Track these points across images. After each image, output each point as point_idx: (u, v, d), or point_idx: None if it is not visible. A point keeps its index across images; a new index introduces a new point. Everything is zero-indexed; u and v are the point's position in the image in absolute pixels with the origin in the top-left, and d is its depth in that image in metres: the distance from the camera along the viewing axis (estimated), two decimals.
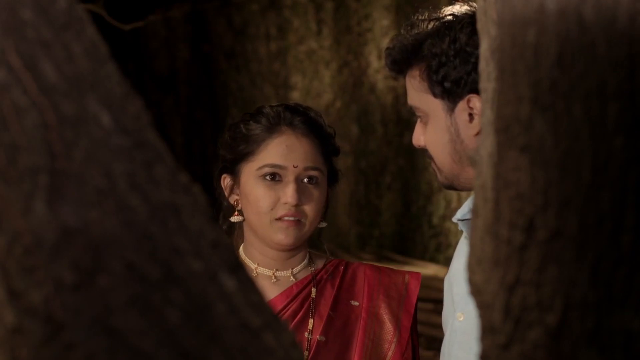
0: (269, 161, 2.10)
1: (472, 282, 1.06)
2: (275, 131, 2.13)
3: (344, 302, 2.15)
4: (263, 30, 7.69)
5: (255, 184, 2.11)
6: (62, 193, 0.92)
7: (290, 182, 2.09)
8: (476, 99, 1.77)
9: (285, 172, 2.10)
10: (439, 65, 1.79)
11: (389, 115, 7.36)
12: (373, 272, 2.19)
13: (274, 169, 2.10)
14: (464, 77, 1.78)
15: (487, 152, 1.05)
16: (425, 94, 1.83)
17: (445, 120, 1.81)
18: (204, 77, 7.94)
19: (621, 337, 0.96)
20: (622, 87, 0.94)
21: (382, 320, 2.14)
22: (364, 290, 2.16)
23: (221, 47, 7.85)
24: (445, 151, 1.83)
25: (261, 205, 2.09)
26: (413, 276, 2.21)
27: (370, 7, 7.34)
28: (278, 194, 2.09)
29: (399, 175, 7.39)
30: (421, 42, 1.82)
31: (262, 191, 2.09)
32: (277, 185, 2.10)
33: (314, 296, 2.15)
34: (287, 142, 2.11)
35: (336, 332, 2.12)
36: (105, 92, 0.96)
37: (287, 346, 0.99)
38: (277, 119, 2.14)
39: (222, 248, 0.98)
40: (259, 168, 2.10)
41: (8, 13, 0.93)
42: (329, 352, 2.10)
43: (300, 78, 7.58)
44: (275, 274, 2.16)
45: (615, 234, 0.95)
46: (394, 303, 2.16)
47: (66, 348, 0.91)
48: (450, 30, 1.79)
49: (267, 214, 2.09)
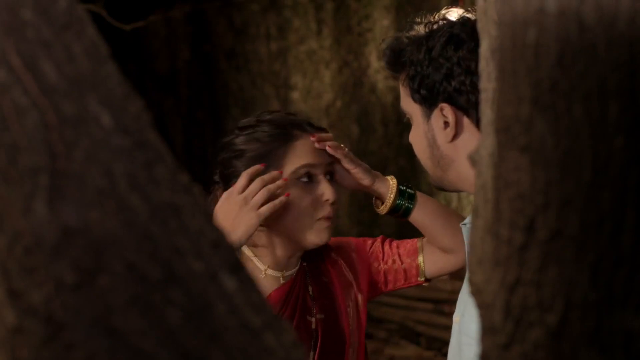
0: (303, 162, 2.14)
1: (472, 282, 1.06)
2: (293, 136, 2.16)
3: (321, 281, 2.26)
4: (263, 31, 7.69)
5: (292, 188, 2.13)
6: (63, 193, 0.92)
7: (323, 181, 2.15)
8: (448, 108, 1.81)
9: (317, 171, 2.16)
10: (414, 73, 1.84)
11: (389, 115, 7.36)
12: (325, 248, 2.30)
13: (309, 169, 2.14)
14: (436, 86, 1.81)
15: (488, 152, 1.05)
16: (409, 99, 1.89)
17: (423, 125, 1.87)
18: (205, 77, 7.94)
19: (622, 337, 0.96)
20: (622, 87, 0.94)
21: (349, 283, 2.27)
22: (327, 266, 2.27)
23: (222, 47, 7.86)
24: (425, 155, 1.88)
25: (304, 207, 2.13)
26: (352, 239, 2.35)
27: (371, 7, 7.34)
28: (315, 194, 2.14)
29: (399, 176, 7.38)
30: (403, 50, 1.85)
31: (302, 193, 2.14)
32: (311, 185, 2.15)
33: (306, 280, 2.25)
34: (310, 143, 2.16)
35: (327, 308, 2.22)
36: (106, 92, 0.96)
37: (287, 346, 0.99)
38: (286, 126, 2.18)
39: (222, 248, 0.98)
40: (294, 171, 2.13)
41: (8, 13, 0.93)
42: (330, 326, 2.20)
43: (301, 78, 7.59)
44: (284, 275, 2.21)
45: (616, 234, 0.95)
46: (350, 261, 2.29)
47: (66, 348, 0.91)
48: (428, 39, 1.83)
49: (311, 214, 2.14)
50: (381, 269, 2.28)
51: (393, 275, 2.28)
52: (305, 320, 2.19)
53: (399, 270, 2.28)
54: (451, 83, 1.79)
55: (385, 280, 2.29)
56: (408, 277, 2.28)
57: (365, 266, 2.29)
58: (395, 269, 2.28)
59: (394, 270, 2.28)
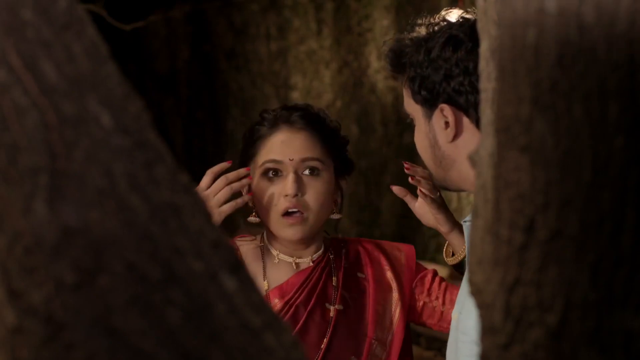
0: (268, 157, 2.22)
1: (472, 282, 1.06)
2: (275, 130, 2.24)
3: (352, 275, 2.28)
4: (263, 31, 7.69)
5: (259, 181, 2.22)
6: (63, 193, 0.92)
7: (290, 175, 2.20)
8: (448, 108, 1.83)
9: (284, 167, 2.21)
10: (415, 75, 1.86)
11: (389, 115, 7.36)
12: (371, 245, 2.33)
13: (272, 164, 2.21)
14: (436, 87, 1.84)
15: (488, 153, 1.05)
16: (410, 100, 1.91)
17: (425, 126, 1.89)
18: (205, 77, 7.94)
19: (621, 337, 0.96)
20: (622, 87, 0.94)
21: (388, 284, 2.27)
22: (366, 261, 2.29)
23: (221, 47, 7.85)
24: (427, 155, 1.91)
25: (265, 200, 2.20)
26: (406, 247, 2.35)
27: (371, 7, 7.33)
28: (279, 189, 2.20)
29: (399, 176, 7.38)
30: (404, 51, 1.87)
31: (265, 187, 2.21)
32: (279, 180, 2.21)
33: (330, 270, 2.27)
34: (283, 138, 2.23)
35: (351, 302, 2.24)
36: (106, 92, 0.96)
37: (287, 346, 0.99)
38: (275, 119, 2.26)
39: (222, 248, 0.98)
40: (260, 165, 2.22)
41: (8, 13, 0.93)
42: (348, 320, 2.23)
43: (301, 78, 7.59)
44: (295, 262, 2.26)
45: (616, 234, 0.95)
46: (396, 269, 2.29)
47: (66, 348, 0.91)
48: (427, 41, 1.86)
49: (273, 209, 2.19)
50: (422, 299, 2.29)
51: (429, 311, 2.28)
52: (323, 307, 2.22)
53: (437, 310, 2.28)
54: (450, 84, 1.81)
55: (421, 312, 2.29)
56: (441, 321, 2.28)
57: (409, 283, 2.30)
58: (433, 307, 2.28)
59: (432, 308, 2.28)
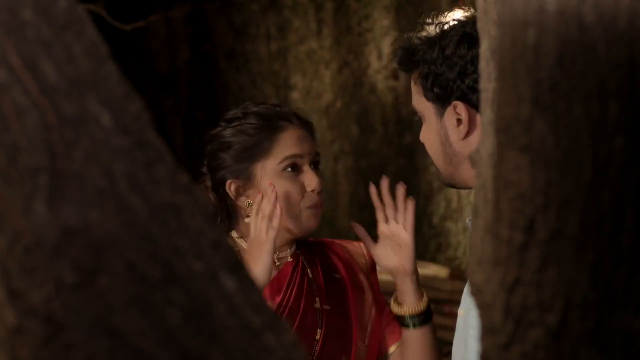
0: (288, 153, 2.21)
1: (472, 282, 1.06)
2: (279, 127, 2.24)
3: (330, 275, 2.30)
4: (263, 31, 7.69)
5: (278, 178, 2.21)
6: (63, 193, 0.92)
7: (309, 170, 2.23)
8: (461, 105, 1.84)
9: (302, 161, 2.23)
10: (428, 72, 1.87)
11: (389, 115, 7.36)
12: (337, 247, 2.36)
13: (294, 159, 2.21)
14: (450, 84, 1.85)
15: (488, 152, 1.05)
16: (421, 97, 1.92)
17: (436, 123, 1.90)
18: (205, 77, 7.94)
19: (621, 337, 0.96)
20: (622, 87, 0.94)
21: (361, 287, 2.30)
22: (339, 264, 2.32)
23: (221, 47, 7.85)
24: (437, 153, 1.92)
25: (292, 196, 2.20)
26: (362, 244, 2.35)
27: (371, 7, 7.34)
28: (300, 184, 2.21)
29: (399, 176, 7.38)
30: (416, 49, 1.88)
31: (288, 183, 2.21)
32: (297, 175, 2.22)
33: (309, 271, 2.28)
34: (297, 134, 2.24)
35: (335, 301, 2.26)
36: (106, 93, 0.96)
37: (287, 346, 0.99)
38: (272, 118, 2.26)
39: (222, 248, 0.98)
40: (280, 162, 2.21)
41: (8, 13, 0.93)
42: (336, 320, 2.24)
43: (301, 78, 7.59)
44: (277, 257, 2.25)
45: (616, 234, 0.95)
46: (364, 269, 2.33)
47: (66, 348, 0.91)
48: (441, 39, 1.87)
49: (299, 204, 2.21)
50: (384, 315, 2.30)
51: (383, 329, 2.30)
52: (313, 307, 2.23)
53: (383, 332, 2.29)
54: (464, 81, 1.82)
55: None
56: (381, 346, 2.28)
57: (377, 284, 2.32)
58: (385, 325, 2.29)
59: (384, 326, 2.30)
